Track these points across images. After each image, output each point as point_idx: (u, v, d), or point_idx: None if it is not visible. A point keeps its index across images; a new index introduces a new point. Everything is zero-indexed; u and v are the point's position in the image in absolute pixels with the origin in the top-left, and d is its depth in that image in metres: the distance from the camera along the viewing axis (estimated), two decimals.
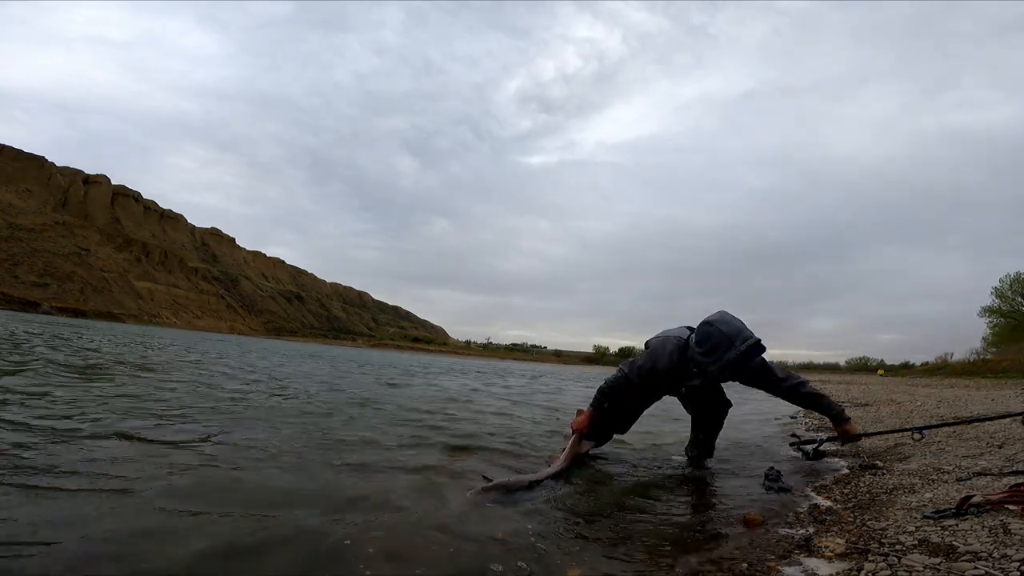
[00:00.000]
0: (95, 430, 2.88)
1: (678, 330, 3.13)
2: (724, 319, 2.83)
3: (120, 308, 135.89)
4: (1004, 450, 3.09)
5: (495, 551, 1.70)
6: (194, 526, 1.71)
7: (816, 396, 3.23)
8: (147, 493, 1.96)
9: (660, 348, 3.04)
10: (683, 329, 3.12)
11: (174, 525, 1.70)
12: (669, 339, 3.04)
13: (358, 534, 1.73)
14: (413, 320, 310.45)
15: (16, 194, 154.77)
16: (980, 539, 1.58)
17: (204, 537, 1.61)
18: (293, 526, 1.76)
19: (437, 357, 59.04)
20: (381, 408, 5.09)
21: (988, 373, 26.74)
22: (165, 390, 4.97)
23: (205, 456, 2.57)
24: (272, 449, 2.82)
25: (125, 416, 3.38)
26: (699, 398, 3.36)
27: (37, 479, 2.00)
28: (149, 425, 3.19)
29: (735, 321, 2.83)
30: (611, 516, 2.17)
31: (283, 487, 2.20)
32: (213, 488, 2.11)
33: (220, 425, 3.39)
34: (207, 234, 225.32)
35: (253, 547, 1.58)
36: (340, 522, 1.82)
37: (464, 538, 1.77)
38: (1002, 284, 37.52)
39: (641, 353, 3.24)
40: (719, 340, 2.75)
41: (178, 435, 2.97)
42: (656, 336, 3.18)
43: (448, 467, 2.77)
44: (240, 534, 1.67)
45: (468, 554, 1.66)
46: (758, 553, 1.74)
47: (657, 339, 3.13)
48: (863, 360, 76.01)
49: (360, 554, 1.59)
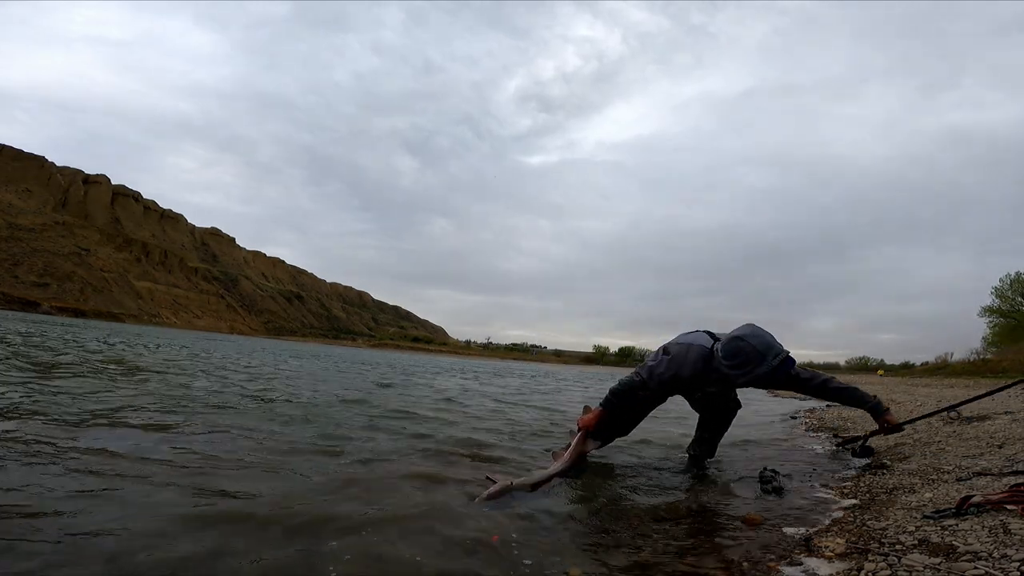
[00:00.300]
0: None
1: (699, 336, 3.05)
2: (755, 333, 2.79)
3: (120, 308, 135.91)
4: (1004, 450, 3.09)
5: (494, 553, 1.70)
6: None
7: (847, 390, 3.19)
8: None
9: (683, 356, 2.95)
10: (703, 335, 3.04)
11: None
12: (693, 347, 2.96)
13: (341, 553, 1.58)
14: (413, 320, 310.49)
15: (16, 194, 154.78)
16: (980, 539, 1.57)
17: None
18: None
19: (437, 357, 59.10)
20: (370, 407, 4.99)
21: (988, 373, 26.71)
22: (122, 388, 4.68)
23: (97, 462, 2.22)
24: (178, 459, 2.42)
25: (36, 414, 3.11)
26: (712, 401, 3.34)
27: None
28: (61, 424, 2.92)
29: (765, 335, 2.79)
30: (611, 516, 2.17)
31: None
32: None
33: (147, 423, 3.11)
34: (207, 234, 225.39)
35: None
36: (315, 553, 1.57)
37: (462, 539, 1.77)
38: (1002, 284, 37.52)
39: (654, 355, 3.15)
40: (751, 355, 2.72)
41: (83, 440, 2.62)
42: (676, 342, 3.08)
43: (441, 473, 2.66)
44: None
45: (466, 556, 1.66)
46: (758, 553, 1.74)
47: (679, 346, 3.03)
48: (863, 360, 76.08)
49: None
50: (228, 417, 3.70)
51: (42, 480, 1.97)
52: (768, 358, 2.71)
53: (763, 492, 2.61)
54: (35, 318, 43.98)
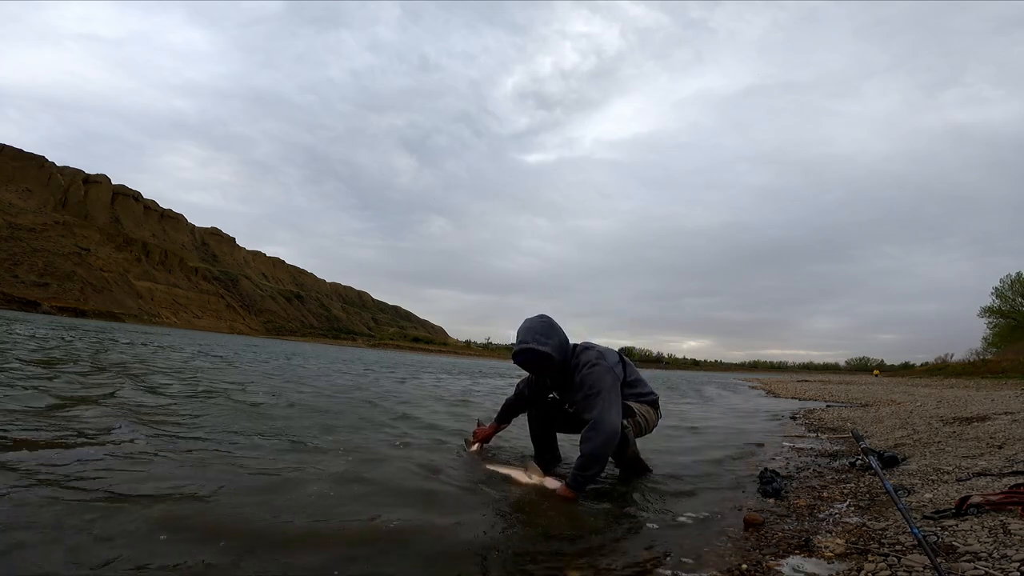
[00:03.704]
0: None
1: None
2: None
3: (120, 308, 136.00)
4: (1004, 450, 3.10)
5: (494, 554, 1.70)
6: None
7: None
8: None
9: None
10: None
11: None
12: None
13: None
14: (413, 320, 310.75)
15: (16, 194, 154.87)
16: (980, 539, 1.58)
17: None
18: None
19: (436, 357, 59.01)
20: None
21: (988, 373, 26.78)
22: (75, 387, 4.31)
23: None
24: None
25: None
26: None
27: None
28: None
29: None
30: (611, 517, 2.17)
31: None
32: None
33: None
34: (207, 234, 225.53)
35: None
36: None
37: (460, 541, 1.77)
38: (1002, 284, 37.61)
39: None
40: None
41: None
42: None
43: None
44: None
45: (463, 558, 1.66)
46: (758, 553, 1.74)
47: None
48: (863, 360, 76.23)
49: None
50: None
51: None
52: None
53: (763, 493, 2.61)
54: (34, 318, 43.90)
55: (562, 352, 2.69)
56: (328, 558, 1.52)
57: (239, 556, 1.49)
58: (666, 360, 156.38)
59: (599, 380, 2.55)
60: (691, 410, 8.22)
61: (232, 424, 3.33)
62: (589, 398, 2.53)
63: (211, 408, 3.89)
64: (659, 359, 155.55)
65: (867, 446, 2.39)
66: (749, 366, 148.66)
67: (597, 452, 2.37)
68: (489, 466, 2.76)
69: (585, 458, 2.37)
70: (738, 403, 10.92)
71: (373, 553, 1.59)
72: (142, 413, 3.39)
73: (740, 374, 77.09)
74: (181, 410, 3.65)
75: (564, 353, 2.70)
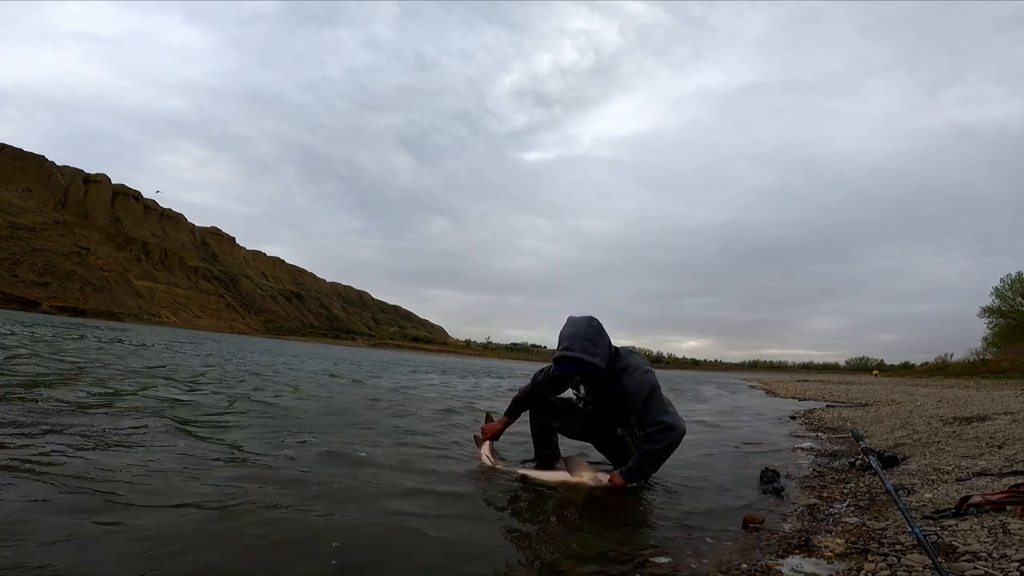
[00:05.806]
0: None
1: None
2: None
3: (120, 307, 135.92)
4: (1004, 450, 3.10)
5: (493, 554, 1.70)
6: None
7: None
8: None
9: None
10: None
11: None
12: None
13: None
14: (413, 320, 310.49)
15: (16, 193, 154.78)
16: (980, 539, 1.58)
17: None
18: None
19: (436, 356, 59.02)
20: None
21: (988, 373, 26.77)
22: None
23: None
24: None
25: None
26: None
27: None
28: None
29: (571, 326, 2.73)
30: (610, 517, 2.17)
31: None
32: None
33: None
34: (207, 233, 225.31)
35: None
36: None
37: (459, 541, 1.77)
38: (1002, 284, 37.58)
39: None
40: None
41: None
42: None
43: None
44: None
45: (462, 557, 1.66)
46: (758, 553, 1.74)
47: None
48: (863, 360, 76.26)
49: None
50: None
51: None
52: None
53: (763, 492, 2.62)
54: (35, 318, 43.84)
55: (609, 361, 2.59)
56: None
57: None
58: (666, 360, 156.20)
59: (658, 387, 2.57)
60: (691, 410, 8.22)
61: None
62: (654, 400, 2.52)
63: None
64: (659, 359, 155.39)
65: (867, 446, 2.40)
66: (749, 366, 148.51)
67: (661, 453, 2.48)
68: (529, 474, 2.64)
69: (648, 456, 2.47)
70: (738, 403, 10.92)
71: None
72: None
73: (740, 374, 77.08)
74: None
75: (609, 361, 2.60)
